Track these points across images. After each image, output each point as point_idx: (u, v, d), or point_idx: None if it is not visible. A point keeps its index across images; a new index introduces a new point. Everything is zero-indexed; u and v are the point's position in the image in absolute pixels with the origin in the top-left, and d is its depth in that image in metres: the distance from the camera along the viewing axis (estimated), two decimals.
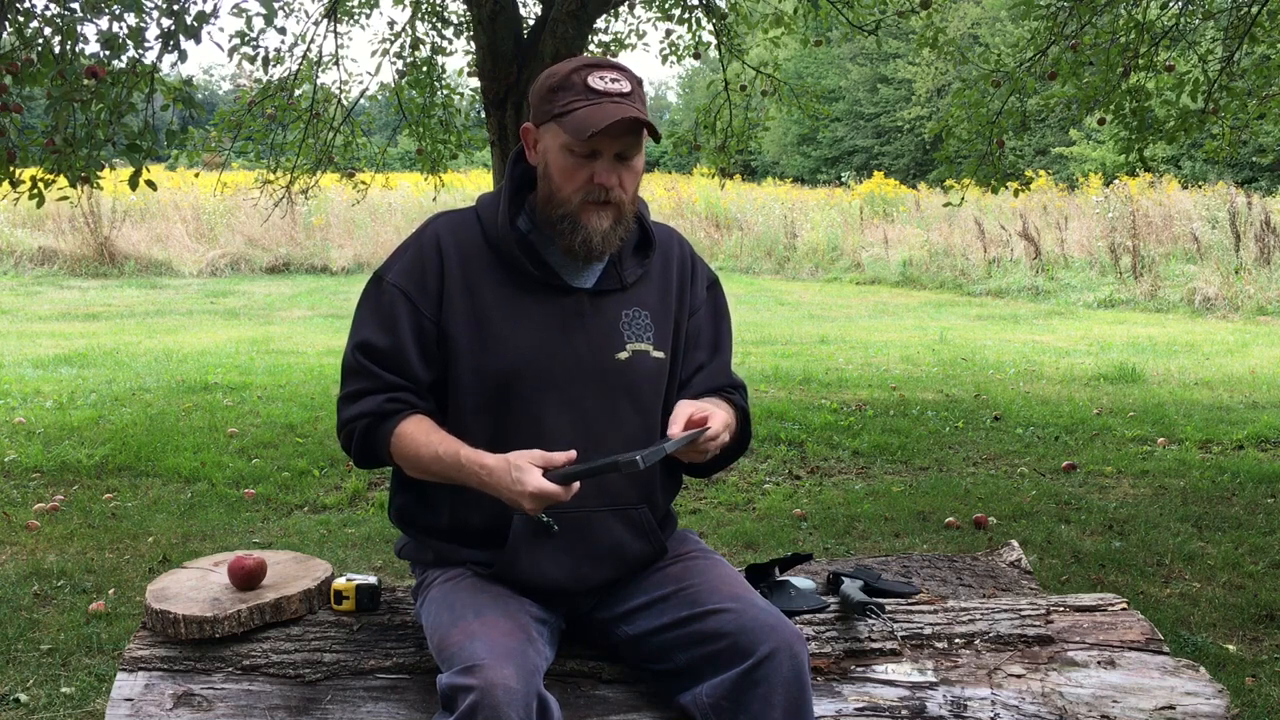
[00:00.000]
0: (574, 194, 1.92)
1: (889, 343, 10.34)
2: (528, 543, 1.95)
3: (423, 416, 1.99)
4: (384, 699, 1.98)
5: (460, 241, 2.01)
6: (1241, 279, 12.73)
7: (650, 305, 2.05)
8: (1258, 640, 3.45)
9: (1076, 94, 6.53)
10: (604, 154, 1.91)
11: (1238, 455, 5.86)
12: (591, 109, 1.87)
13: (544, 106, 1.94)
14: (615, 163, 1.92)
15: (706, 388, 2.11)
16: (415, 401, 1.99)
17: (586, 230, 1.93)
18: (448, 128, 8.06)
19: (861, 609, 2.10)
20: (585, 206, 1.93)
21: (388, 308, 1.99)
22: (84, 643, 3.38)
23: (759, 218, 19.60)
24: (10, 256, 16.32)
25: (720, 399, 2.10)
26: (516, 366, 1.95)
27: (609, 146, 1.90)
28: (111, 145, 4.79)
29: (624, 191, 1.94)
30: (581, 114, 1.88)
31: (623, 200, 1.95)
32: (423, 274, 1.98)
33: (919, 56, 22.87)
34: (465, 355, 1.97)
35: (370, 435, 1.99)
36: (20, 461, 5.60)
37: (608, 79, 1.90)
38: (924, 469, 5.68)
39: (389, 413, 1.98)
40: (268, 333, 10.80)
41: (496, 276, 1.98)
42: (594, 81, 1.90)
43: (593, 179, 1.91)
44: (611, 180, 1.92)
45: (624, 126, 1.87)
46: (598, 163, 1.91)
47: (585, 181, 1.91)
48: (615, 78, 1.91)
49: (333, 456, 5.73)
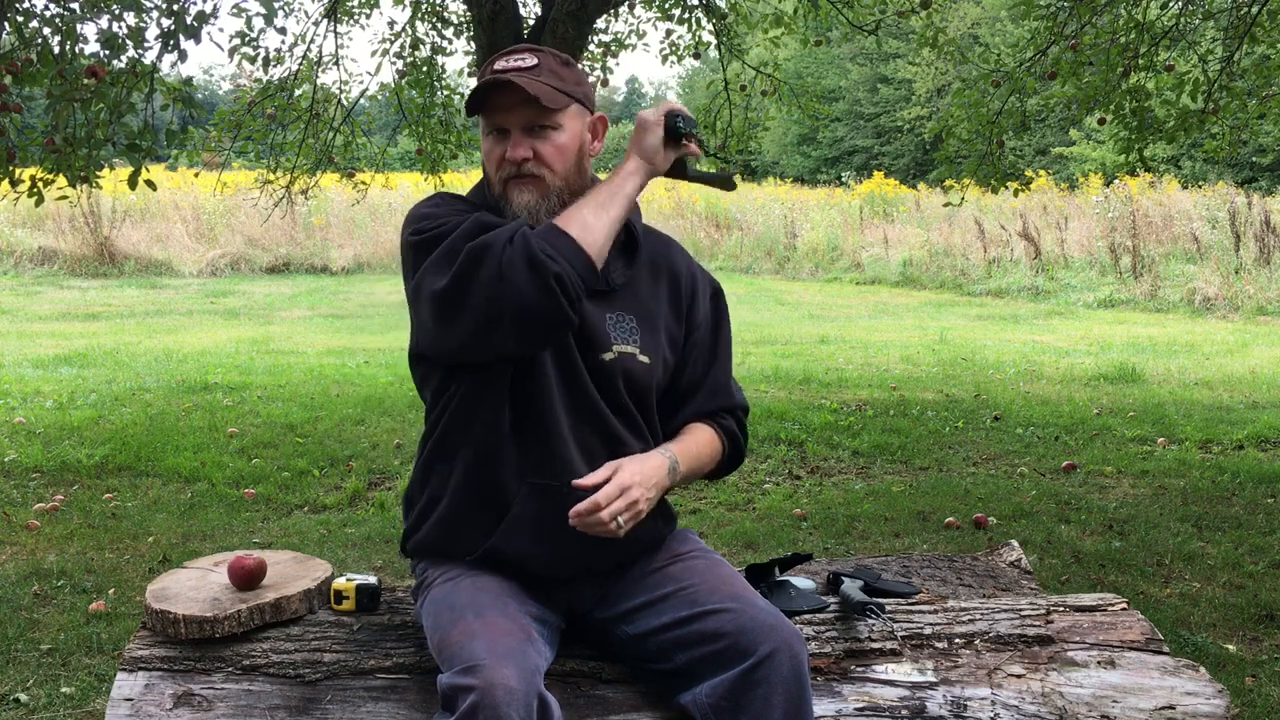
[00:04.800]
0: (496, 175, 1.97)
1: (889, 343, 10.34)
2: (527, 523, 1.95)
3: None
4: (384, 699, 1.98)
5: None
6: (1241, 279, 12.73)
7: (636, 311, 2.04)
8: (1258, 640, 3.45)
9: (1076, 94, 6.53)
10: (511, 130, 1.94)
11: (1238, 455, 5.86)
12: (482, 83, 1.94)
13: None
14: (526, 135, 1.94)
15: (699, 411, 2.12)
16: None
17: (513, 208, 1.95)
18: (448, 128, 8.06)
19: (861, 609, 2.10)
20: (507, 184, 1.96)
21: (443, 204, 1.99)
22: (84, 643, 3.38)
23: (759, 218, 19.59)
24: (10, 256, 16.32)
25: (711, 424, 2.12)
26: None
27: (509, 120, 1.93)
28: (111, 145, 4.79)
29: (544, 165, 1.95)
30: (475, 93, 1.94)
31: (543, 173, 1.95)
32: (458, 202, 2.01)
33: (919, 56, 22.88)
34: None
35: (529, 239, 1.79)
36: (20, 461, 5.60)
37: (512, 60, 1.95)
38: (924, 469, 5.68)
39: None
40: (268, 333, 10.80)
41: None
42: (498, 63, 1.96)
43: (504, 156, 1.95)
44: (520, 153, 1.94)
45: (504, 95, 1.91)
46: (509, 140, 1.94)
47: (500, 159, 1.96)
48: (521, 57, 1.95)
49: (333, 456, 5.73)
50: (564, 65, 1.99)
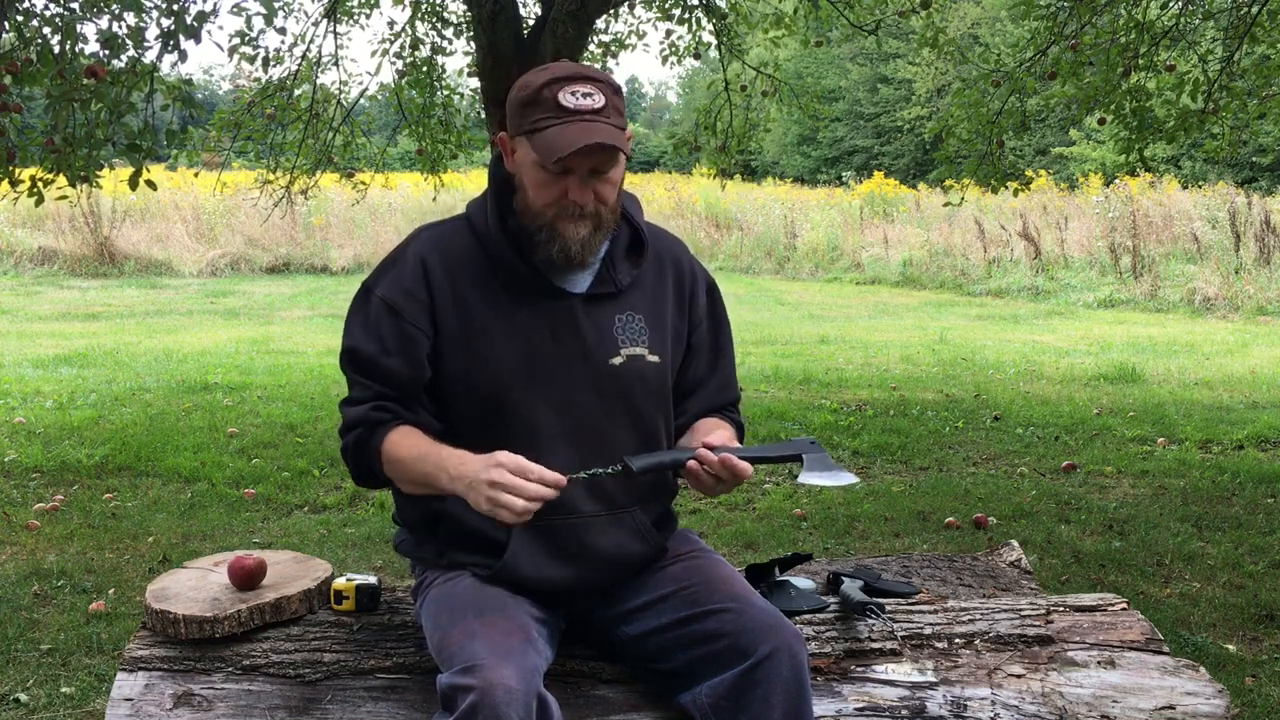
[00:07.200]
0: (547, 208, 1.90)
1: (889, 343, 10.34)
2: (528, 548, 1.94)
3: (411, 427, 1.95)
4: (384, 699, 1.98)
5: (446, 253, 1.98)
6: (1241, 279, 12.72)
7: (644, 310, 2.03)
8: (1258, 640, 3.45)
9: (1076, 94, 6.53)
10: (577, 171, 1.87)
11: (1238, 455, 5.86)
12: (561, 129, 1.83)
13: (516, 119, 1.90)
14: (589, 178, 1.88)
15: (709, 406, 2.11)
16: (401, 411, 1.96)
17: (564, 239, 1.90)
18: (448, 128, 8.06)
19: (861, 609, 2.10)
20: (558, 219, 1.90)
21: (374, 318, 1.96)
22: (84, 643, 3.38)
23: (759, 218, 19.59)
24: (10, 256, 16.32)
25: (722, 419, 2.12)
26: (509, 375, 1.94)
27: (581, 165, 1.85)
28: (111, 145, 4.79)
29: (602, 204, 1.91)
30: (551, 134, 1.83)
31: (600, 211, 1.91)
32: (411, 286, 1.95)
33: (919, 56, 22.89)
34: (457, 366, 1.95)
35: (361, 448, 1.96)
36: (20, 461, 5.60)
37: (579, 94, 1.85)
38: (924, 469, 5.68)
39: (376, 421, 1.95)
40: (268, 333, 10.80)
41: (487, 285, 1.96)
42: (564, 98, 1.85)
43: (566, 195, 1.88)
44: (585, 198, 1.88)
45: (593, 148, 1.83)
46: (570, 179, 1.87)
47: (559, 196, 1.88)
48: (587, 91, 1.86)
49: (332, 456, 5.73)
50: (617, 95, 1.91)
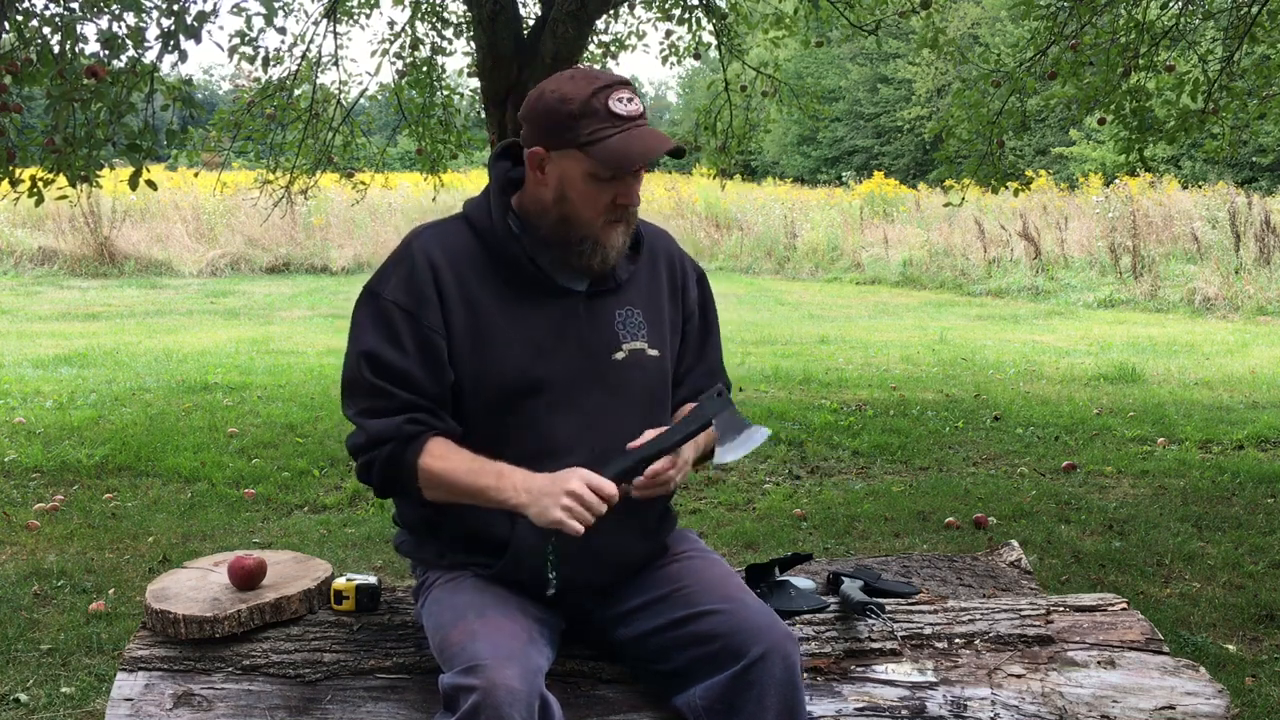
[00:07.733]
0: (597, 217, 1.92)
1: (889, 343, 10.34)
2: (529, 548, 1.94)
3: (444, 439, 1.93)
4: (384, 699, 1.98)
5: (450, 252, 1.97)
6: (1241, 279, 12.72)
7: (642, 304, 2.06)
8: (1258, 640, 3.45)
9: (1076, 94, 6.53)
10: (629, 177, 1.91)
11: (1238, 455, 5.86)
12: (624, 138, 1.87)
13: (561, 133, 1.88)
14: (634, 179, 1.93)
15: (699, 389, 2.12)
16: (433, 422, 1.93)
17: (605, 250, 1.94)
18: (448, 128, 8.06)
19: (861, 609, 2.10)
20: (607, 227, 1.93)
21: (389, 322, 1.93)
22: (84, 643, 3.38)
23: (759, 218, 19.59)
24: (10, 256, 16.32)
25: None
26: (517, 373, 1.94)
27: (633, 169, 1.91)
28: (111, 145, 4.80)
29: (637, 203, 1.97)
30: (615, 144, 1.86)
31: (635, 211, 1.98)
32: (420, 287, 1.93)
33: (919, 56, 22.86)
34: (466, 365, 1.95)
35: (394, 463, 1.91)
36: (20, 461, 5.60)
37: (624, 99, 1.89)
38: (924, 469, 5.68)
39: (410, 435, 1.91)
40: (268, 333, 10.80)
41: (491, 283, 1.97)
42: (615, 105, 1.88)
43: (616, 200, 1.92)
44: (634, 199, 1.93)
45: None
46: (620, 184, 1.91)
47: (609, 204, 1.92)
48: (629, 97, 1.90)
49: (333, 456, 5.73)
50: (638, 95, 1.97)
